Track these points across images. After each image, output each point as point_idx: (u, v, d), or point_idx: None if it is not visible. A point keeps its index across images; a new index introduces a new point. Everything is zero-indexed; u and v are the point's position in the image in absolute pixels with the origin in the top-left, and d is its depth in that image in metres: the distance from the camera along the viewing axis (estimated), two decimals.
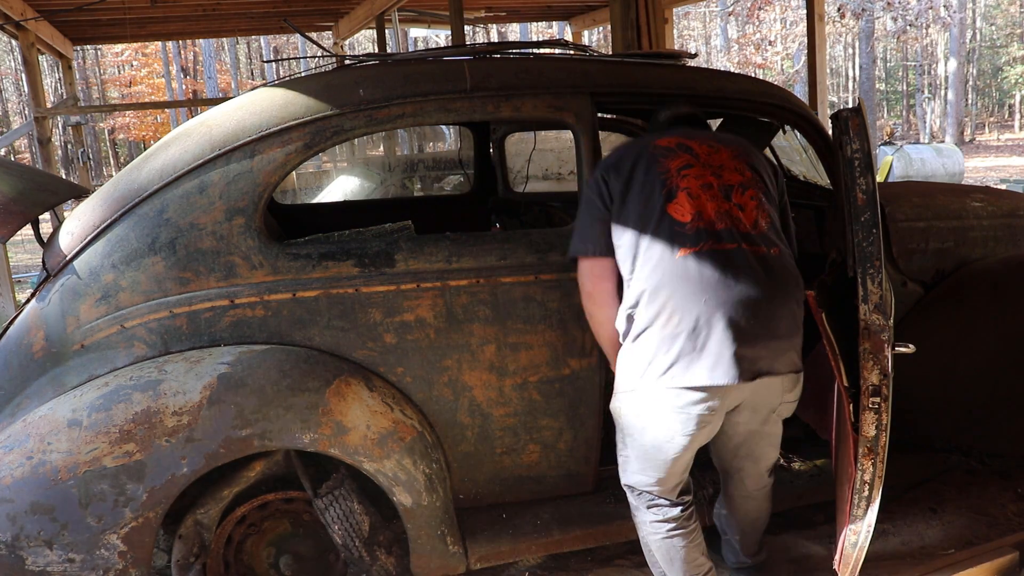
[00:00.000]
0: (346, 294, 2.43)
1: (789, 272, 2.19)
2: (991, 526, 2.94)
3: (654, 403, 2.15)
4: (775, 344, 2.13)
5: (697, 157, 2.22)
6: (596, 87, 2.57)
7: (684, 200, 2.15)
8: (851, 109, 2.18)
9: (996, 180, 15.32)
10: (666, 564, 2.34)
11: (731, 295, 2.07)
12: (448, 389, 2.54)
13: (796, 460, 3.03)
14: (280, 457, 2.47)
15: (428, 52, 2.70)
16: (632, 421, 2.24)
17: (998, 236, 3.31)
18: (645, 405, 2.17)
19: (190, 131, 2.47)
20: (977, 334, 3.02)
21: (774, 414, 2.31)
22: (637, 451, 2.26)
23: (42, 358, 2.37)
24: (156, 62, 30.73)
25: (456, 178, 8.08)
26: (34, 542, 2.13)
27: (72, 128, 9.25)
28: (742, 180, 2.21)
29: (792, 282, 2.18)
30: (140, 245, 2.36)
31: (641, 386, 2.16)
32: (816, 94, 6.15)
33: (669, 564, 2.33)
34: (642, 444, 2.23)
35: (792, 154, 4.16)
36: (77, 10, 7.03)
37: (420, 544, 2.46)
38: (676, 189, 2.16)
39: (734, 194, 2.19)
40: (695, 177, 2.17)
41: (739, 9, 26.80)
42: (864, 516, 2.25)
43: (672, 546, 2.29)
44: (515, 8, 10.28)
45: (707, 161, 2.22)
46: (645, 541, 2.37)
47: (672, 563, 2.32)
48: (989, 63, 37.35)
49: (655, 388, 2.13)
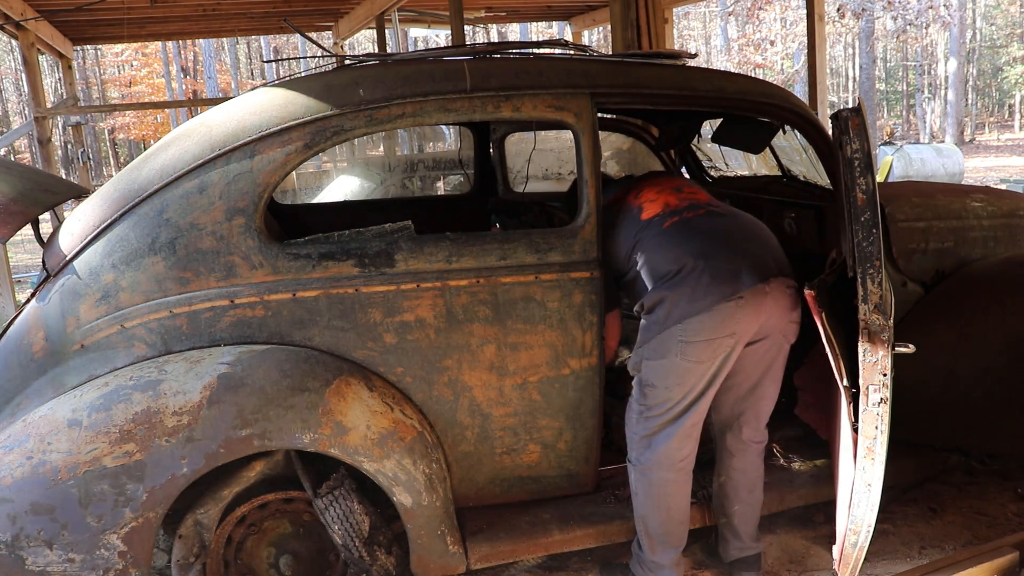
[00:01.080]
0: (346, 294, 2.43)
1: (749, 216, 2.64)
2: (991, 526, 2.94)
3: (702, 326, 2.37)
4: (766, 250, 2.48)
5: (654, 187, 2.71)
6: (596, 87, 2.56)
7: (650, 206, 2.62)
8: (851, 109, 2.17)
9: (996, 180, 15.32)
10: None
11: (717, 237, 2.47)
12: (448, 389, 2.54)
13: (796, 460, 3.03)
14: (280, 457, 2.48)
15: (428, 52, 2.70)
16: (671, 360, 2.41)
17: (998, 236, 3.31)
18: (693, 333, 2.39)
19: (190, 131, 2.47)
20: (977, 334, 3.02)
21: (783, 339, 2.48)
22: (682, 378, 2.42)
23: (42, 358, 2.37)
24: (156, 62, 30.73)
25: (456, 178, 8.08)
26: (34, 542, 2.13)
27: (72, 128, 9.25)
28: (691, 187, 2.74)
29: (755, 221, 2.62)
30: (140, 245, 2.35)
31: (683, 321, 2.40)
32: (816, 94, 6.15)
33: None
34: (682, 373, 2.41)
35: (792, 154, 4.17)
36: (77, 10, 7.03)
37: (420, 544, 2.46)
38: (643, 205, 2.65)
39: (685, 187, 2.72)
40: (656, 191, 2.69)
41: (739, 9, 26.80)
42: (864, 516, 2.25)
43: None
44: (515, 8, 10.28)
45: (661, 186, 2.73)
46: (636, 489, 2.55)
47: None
48: (989, 63, 37.35)
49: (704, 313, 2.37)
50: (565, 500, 2.76)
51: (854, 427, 2.20)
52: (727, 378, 2.48)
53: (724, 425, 2.63)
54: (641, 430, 2.50)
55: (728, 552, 2.68)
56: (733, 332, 2.36)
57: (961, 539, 2.88)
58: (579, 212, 2.57)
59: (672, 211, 2.56)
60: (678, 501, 2.51)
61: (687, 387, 2.40)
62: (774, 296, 2.39)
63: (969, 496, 3.12)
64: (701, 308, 2.34)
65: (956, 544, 2.85)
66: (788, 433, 3.17)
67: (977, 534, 2.90)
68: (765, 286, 2.37)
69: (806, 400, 3.05)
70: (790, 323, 2.46)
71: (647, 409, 2.47)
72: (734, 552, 2.67)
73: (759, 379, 2.53)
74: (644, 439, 2.49)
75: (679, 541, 2.56)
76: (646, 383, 2.47)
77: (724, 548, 2.70)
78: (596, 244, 2.56)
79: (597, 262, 2.56)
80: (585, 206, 2.54)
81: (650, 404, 2.46)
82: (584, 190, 2.55)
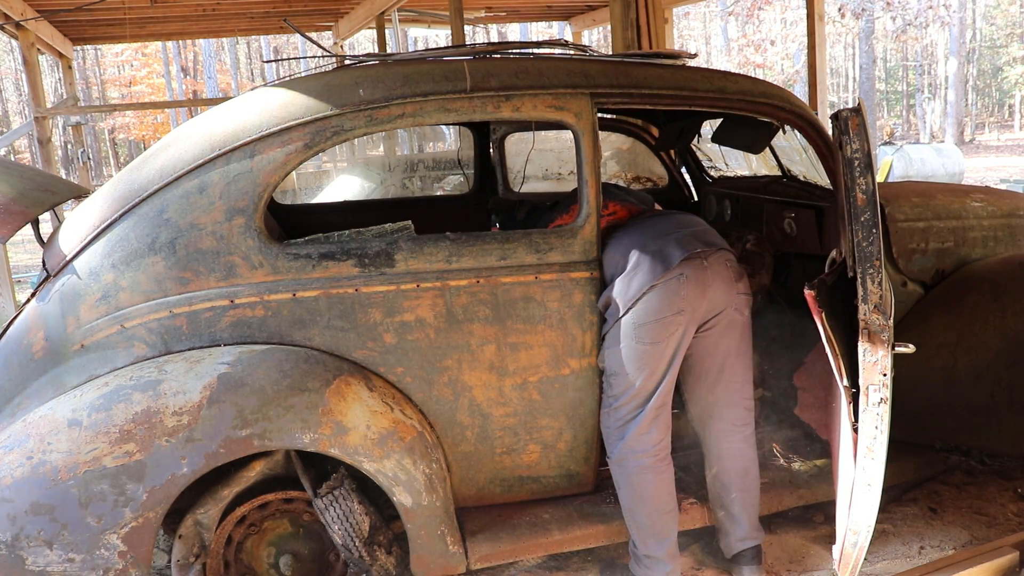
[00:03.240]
0: (346, 294, 2.43)
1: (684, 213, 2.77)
2: (991, 526, 2.94)
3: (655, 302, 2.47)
4: (695, 230, 2.58)
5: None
6: (596, 87, 2.56)
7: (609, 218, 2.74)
8: (851, 109, 2.18)
9: (996, 180, 15.32)
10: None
11: (647, 229, 2.61)
12: (448, 389, 2.54)
13: (796, 460, 3.04)
14: (280, 457, 2.48)
15: (428, 52, 2.70)
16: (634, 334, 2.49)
17: (998, 236, 3.31)
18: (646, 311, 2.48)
19: (190, 131, 2.47)
20: (977, 334, 3.02)
21: (736, 313, 2.55)
22: (640, 361, 2.49)
23: (42, 358, 2.37)
24: (156, 62, 30.74)
25: (456, 178, 8.08)
26: (34, 542, 2.13)
27: (72, 128, 9.25)
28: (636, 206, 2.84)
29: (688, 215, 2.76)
30: (140, 245, 2.36)
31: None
32: (816, 94, 6.15)
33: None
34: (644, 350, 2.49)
35: (792, 154, 4.16)
36: (77, 10, 7.03)
37: (420, 544, 2.46)
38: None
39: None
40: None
41: (739, 9, 26.80)
42: (864, 516, 2.25)
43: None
44: (515, 8, 10.28)
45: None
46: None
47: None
48: (989, 63, 37.34)
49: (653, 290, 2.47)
50: (565, 500, 2.76)
51: (854, 427, 2.20)
52: (694, 367, 2.60)
53: (704, 416, 2.67)
54: (612, 422, 2.57)
55: (730, 545, 2.68)
56: (681, 309, 2.44)
57: (961, 539, 2.88)
58: (579, 212, 2.57)
59: (619, 220, 2.75)
60: (659, 487, 2.54)
61: (647, 369, 2.47)
62: (714, 269, 2.48)
63: (969, 496, 3.13)
64: (644, 289, 2.44)
65: (956, 544, 2.85)
66: (788, 433, 3.17)
67: (977, 534, 2.90)
68: (703, 260, 2.47)
69: (806, 400, 3.05)
70: (738, 294, 2.54)
71: (614, 399, 2.55)
72: (736, 544, 2.66)
73: (723, 360, 2.59)
74: (616, 431, 2.56)
75: (668, 531, 2.57)
76: (610, 372, 2.54)
77: (725, 542, 2.69)
78: (596, 244, 2.56)
79: (597, 262, 2.56)
80: (585, 206, 2.54)
81: (616, 393, 2.54)
82: (584, 190, 2.55)
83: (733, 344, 2.58)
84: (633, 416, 2.52)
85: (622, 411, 2.54)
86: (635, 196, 2.95)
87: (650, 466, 2.53)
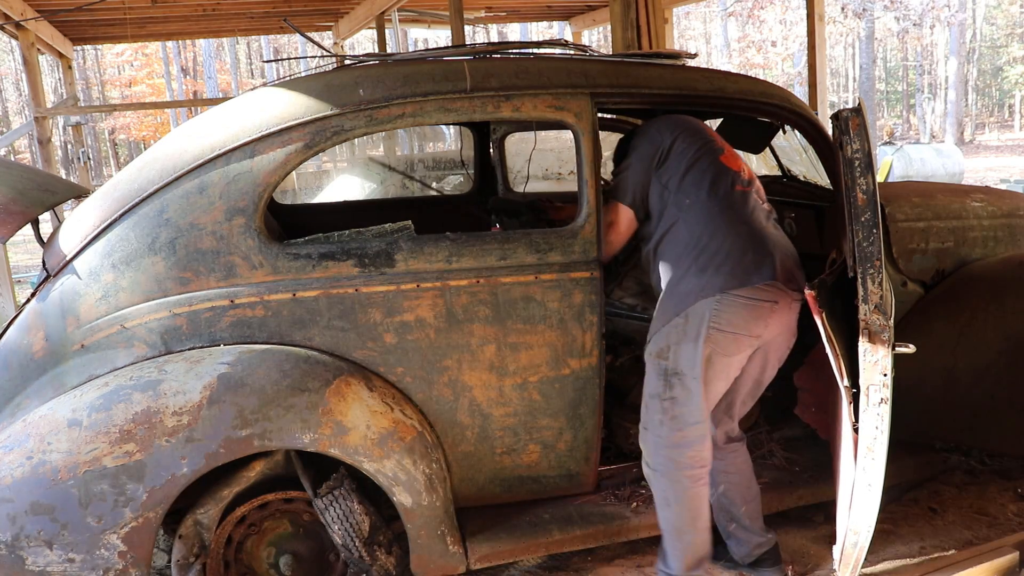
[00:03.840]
0: (346, 294, 2.43)
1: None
2: (991, 526, 2.94)
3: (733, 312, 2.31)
4: (795, 260, 2.45)
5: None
6: (596, 87, 2.56)
7: (726, 157, 2.49)
8: (851, 109, 2.17)
9: (996, 180, 15.31)
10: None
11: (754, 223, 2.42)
12: (448, 389, 2.54)
13: (796, 460, 3.03)
14: (280, 457, 2.47)
15: (428, 52, 2.70)
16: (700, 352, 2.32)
17: (998, 236, 3.31)
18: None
19: (190, 131, 2.47)
20: (977, 334, 3.02)
21: (776, 352, 2.46)
22: (716, 368, 2.34)
23: (42, 358, 2.37)
24: (156, 62, 30.73)
25: (456, 178, 8.07)
26: (34, 542, 2.13)
27: (72, 128, 9.25)
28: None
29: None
30: (140, 245, 2.36)
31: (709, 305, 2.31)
32: (816, 94, 6.15)
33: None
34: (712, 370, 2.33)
35: (792, 154, 4.17)
36: (77, 10, 7.03)
37: (420, 544, 2.46)
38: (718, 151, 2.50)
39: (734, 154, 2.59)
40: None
41: (739, 9, 26.80)
42: (864, 516, 2.25)
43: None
44: (515, 8, 10.28)
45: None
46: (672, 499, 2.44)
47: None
48: (989, 63, 37.33)
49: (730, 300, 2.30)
50: (565, 500, 2.76)
51: (854, 427, 2.20)
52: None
53: (716, 437, 2.57)
54: (668, 431, 2.36)
55: (749, 553, 2.63)
56: (759, 335, 2.33)
57: (961, 539, 2.87)
58: (579, 212, 2.56)
59: (735, 178, 2.46)
60: (707, 504, 2.45)
61: (722, 380, 2.35)
62: (793, 311, 2.38)
63: (969, 496, 3.12)
64: (732, 291, 2.28)
65: (956, 544, 2.84)
66: (788, 433, 3.17)
67: (977, 534, 2.89)
68: (793, 301, 2.35)
69: (806, 400, 3.05)
70: (791, 336, 2.45)
71: (674, 404, 2.34)
72: (754, 552, 2.62)
73: (748, 387, 2.51)
74: (675, 437, 2.35)
75: (709, 550, 2.49)
76: (673, 371, 2.34)
77: (742, 551, 2.64)
78: (596, 244, 2.56)
79: (597, 262, 2.56)
80: (585, 206, 2.54)
81: (677, 396, 2.34)
82: (584, 190, 2.55)
83: (759, 373, 2.50)
84: (695, 424, 2.35)
85: (684, 420, 2.35)
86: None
87: (705, 481, 2.41)
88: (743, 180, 2.50)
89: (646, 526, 2.65)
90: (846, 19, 22.64)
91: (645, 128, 2.56)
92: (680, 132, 2.49)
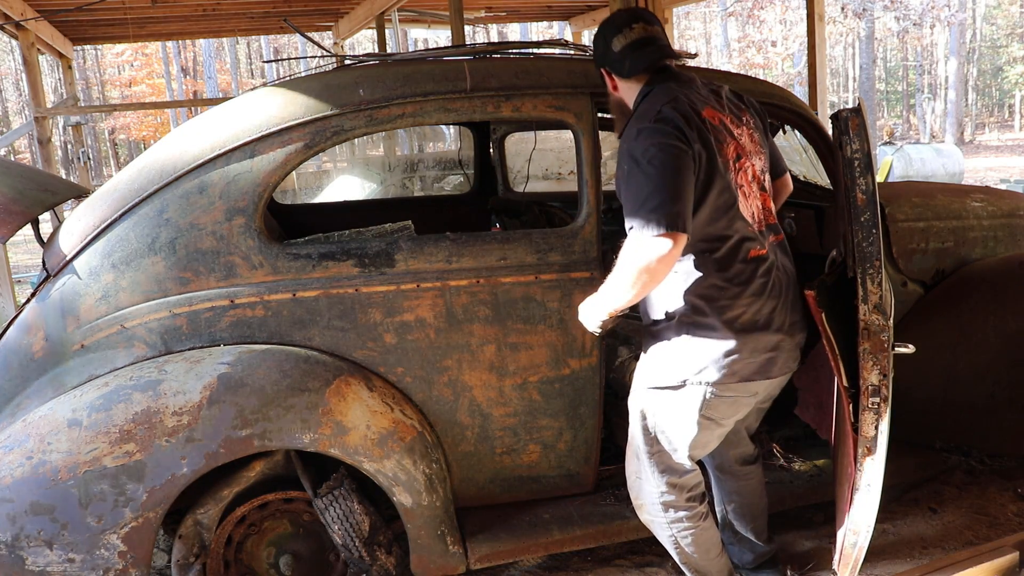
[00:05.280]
0: (346, 294, 2.43)
1: (789, 252, 2.31)
2: (991, 526, 2.94)
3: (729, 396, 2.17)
4: (799, 332, 2.26)
5: (739, 141, 2.15)
6: (596, 87, 2.56)
7: (743, 198, 2.13)
8: (851, 109, 2.17)
9: (996, 180, 15.31)
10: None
11: (775, 294, 2.17)
12: (448, 389, 2.54)
13: (796, 460, 3.03)
14: (280, 457, 2.47)
15: (428, 52, 2.70)
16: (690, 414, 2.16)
17: (998, 236, 3.31)
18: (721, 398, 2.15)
19: (190, 131, 2.47)
20: (977, 334, 3.02)
21: (780, 384, 2.33)
22: (704, 435, 2.20)
23: (42, 358, 2.37)
24: (156, 62, 30.73)
25: (456, 178, 8.08)
26: (34, 542, 2.14)
27: (72, 128, 9.25)
28: (762, 163, 2.22)
29: (791, 262, 2.30)
30: (140, 245, 2.36)
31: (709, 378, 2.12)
32: (816, 94, 6.15)
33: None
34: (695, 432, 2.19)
35: (792, 154, 4.16)
36: (77, 10, 7.03)
37: (420, 544, 2.46)
38: (736, 186, 2.11)
39: (764, 182, 2.22)
40: (744, 171, 2.14)
41: (739, 9, 26.80)
42: (864, 516, 2.25)
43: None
44: (515, 8, 10.28)
45: (746, 147, 2.17)
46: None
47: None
48: (989, 63, 37.32)
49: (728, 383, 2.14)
50: (565, 500, 2.76)
51: (854, 427, 2.20)
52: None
53: (720, 460, 2.54)
54: (660, 483, 2.27)
55: (751, 560, 2.62)
56: (756, 392, 2.22)
57: (961, 539, 2.87)
58: (579, 212, 2.56)
59: (758, 233, 2.16)
60: (714, 527, 2.38)
61: (710, 444, 2.26)
62: (797, 348, 2.26)
63: (969, 496, 3.12)
64: (733, 350, 2.10)
65: (956, 544, 2.84)
66: (788, 433, 3.17)
67: (977, 534, 2.89)
68: (797, 341, 2.24)
69: (806, 400, 3.05)
70: (793, 370, 2.30)
71: (664, 457, 2.25)
72: (757, 559, 2.62)
73: (754, 415, 2.47)
74: (661, 493, 2.27)
75: (730, 565, 2.46)
76: (657, 429, 2.23)
77: (744, 557, 2.63)
78: (596, 244, 2.56)
79: (597, 262, 2.56)
80: (585, 206, 2.54)
81: (665, 448, 2.25)
82: (584, 190, 2.55)
83: (763, 401, 2.37)
84: (684, 473, 2.27)
85: (676, 470, 2.26)
86: None
87: (706, 513, 2.33)
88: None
89: (646, 526, 2.65)
90: (846, 19, 22.65)
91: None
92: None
